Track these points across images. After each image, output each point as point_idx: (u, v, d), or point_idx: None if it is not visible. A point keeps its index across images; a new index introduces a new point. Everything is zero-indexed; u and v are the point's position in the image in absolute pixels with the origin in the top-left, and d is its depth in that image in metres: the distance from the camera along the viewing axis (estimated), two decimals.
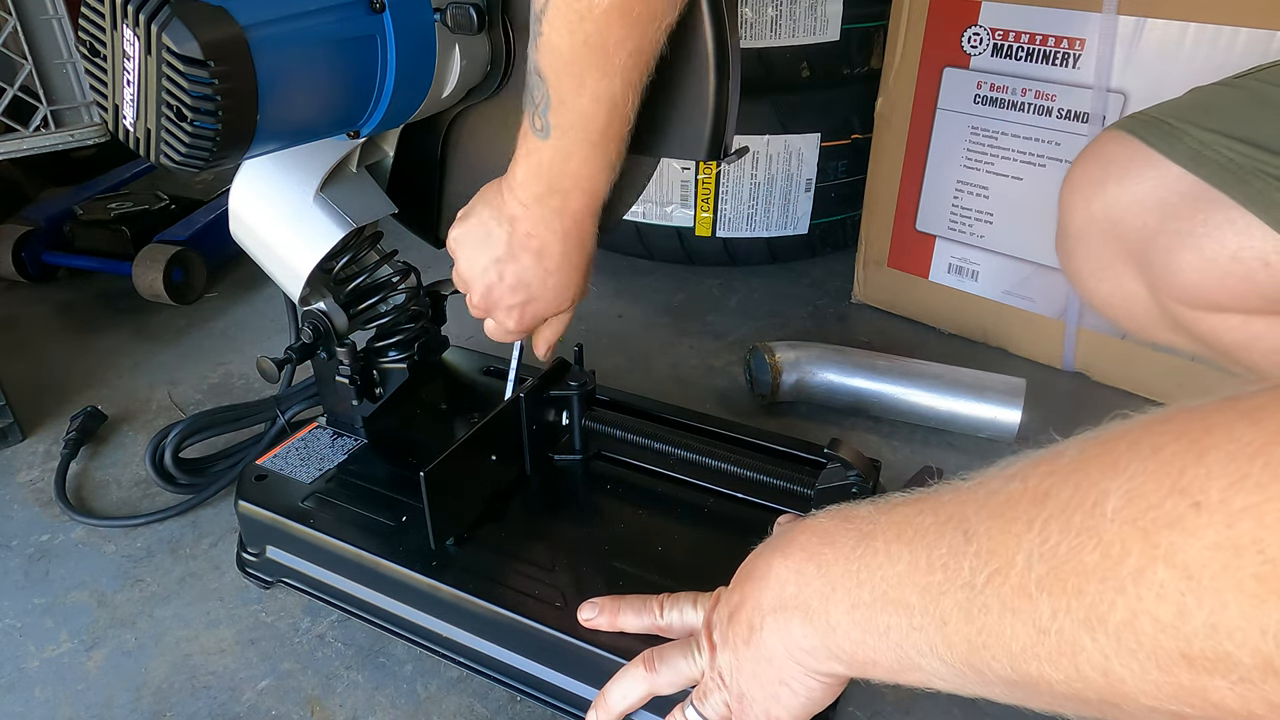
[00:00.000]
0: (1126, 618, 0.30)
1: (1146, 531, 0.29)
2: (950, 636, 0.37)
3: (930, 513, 0.39)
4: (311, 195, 0.67)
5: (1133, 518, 0.30)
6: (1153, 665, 0.29)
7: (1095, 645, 0.31)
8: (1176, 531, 0.28)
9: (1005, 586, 0.34)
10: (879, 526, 0.42)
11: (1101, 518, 0.31)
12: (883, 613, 0.40)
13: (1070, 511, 0.32)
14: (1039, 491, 0.34)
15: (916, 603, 0.38)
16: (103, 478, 0.92)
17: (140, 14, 0.47)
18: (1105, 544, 0.30)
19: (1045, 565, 0.32)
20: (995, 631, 0.34)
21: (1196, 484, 0.28)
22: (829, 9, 1.11)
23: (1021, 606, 0.33)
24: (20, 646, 0.73)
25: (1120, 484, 0.30)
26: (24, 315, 1.25)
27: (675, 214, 1.25)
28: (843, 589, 0.43)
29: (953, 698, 0.66)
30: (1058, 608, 0.32)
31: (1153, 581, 0.29)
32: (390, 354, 0.79)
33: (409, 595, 0.68)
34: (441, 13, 0.59)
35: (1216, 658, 0.28)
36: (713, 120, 0.59)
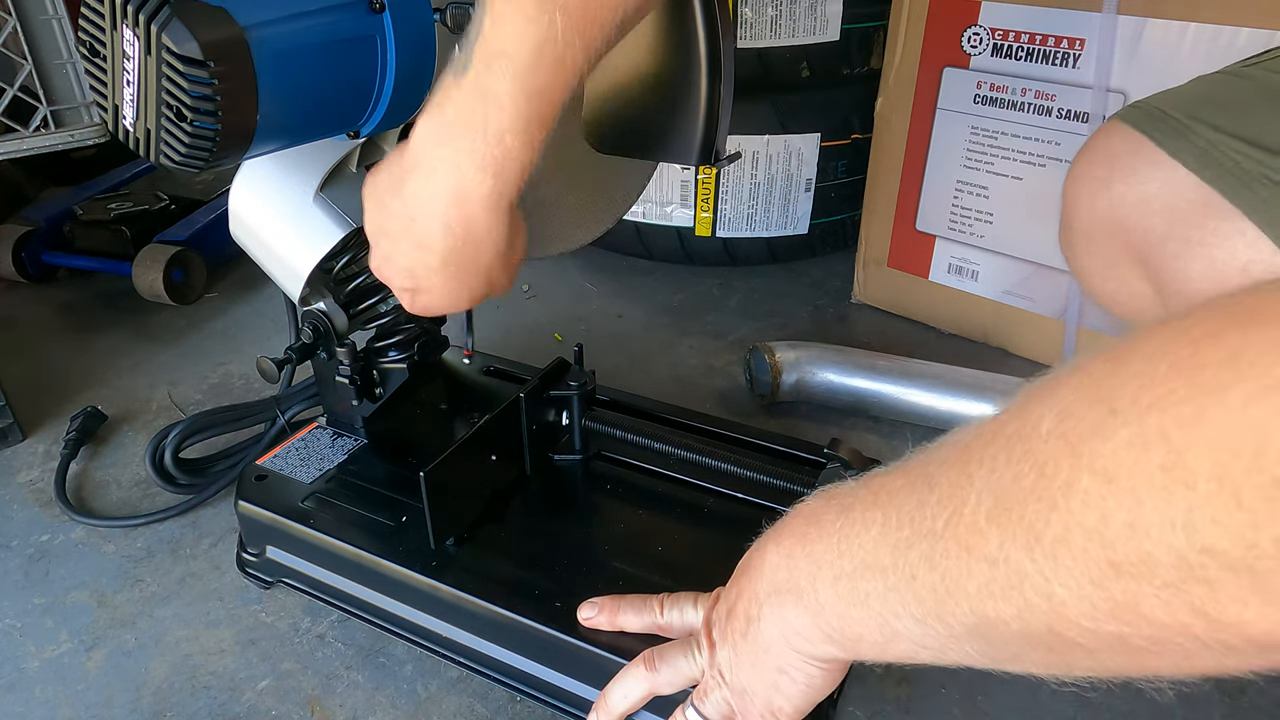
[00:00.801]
0: (1060, 532, 0.30)
1: (1072, 443, 0.30)
2: (919, 590, 0.37)
3: (901, 474, 0.40)
4: (311, 195, 0.67)
5: (1062, 433, 0.30)
6: (1086, 580, 0.30)
7: (1036, 568, 0.31)
8: (1096, 438, 0.29)
9: (961, 526, 0.34)
10: (857, 498, 0.42)
11: (1037, 440, 0.31)
12: (862, 580, 0.40)
13: (1014, 442, 0.32)
14: (990, 431, 0.34)
15: (889, 562, 0.39)
16: (103, 478, 0.92)
17: (140, 14, 0.47)
18: (1040, 464, 0.31)
19: (992, 497, 0.33)
20: (955, 574, 0.35)
21: (1115, 392, 0.29)
22: (829, 9, 1.11)
23: (974, 543, 0.34)
24: (20, 646, 0.73)
25: (1052, 406, 0.31)
26: (24, 315, 1.25)
27: (675, 214, 1.25)
28: (826, 564, 0.43)
29: (953, 698, 0.66)
30: (1004, 536, 0.32)
31: (1078, 490, 0.29)
32: (390, 354, 0.79)
33: (409, 595, 0.68)
34: (441, 13, 0.59)
35: (1139, 559, 0.28)
36: (704, 124, 0.59)
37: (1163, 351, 0.28)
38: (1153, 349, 0.29)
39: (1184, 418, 0.27)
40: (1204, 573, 0.27)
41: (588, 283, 1.30)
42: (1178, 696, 0.66)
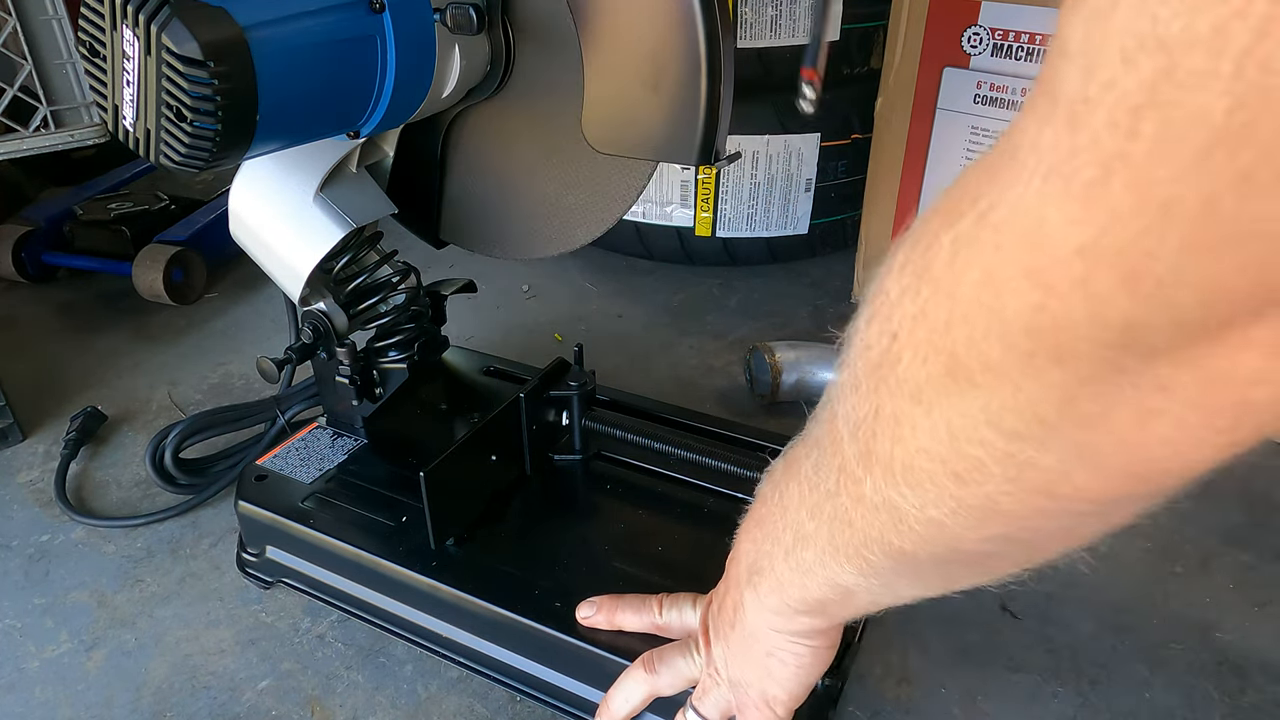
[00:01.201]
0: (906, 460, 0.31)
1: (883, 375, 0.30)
2: (843, 547, 0.38)
3: (801, 441, 0.41)
4: (311, 195, 0.67)
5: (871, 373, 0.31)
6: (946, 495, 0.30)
7: (905, 500, 0.32)
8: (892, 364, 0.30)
9: (847, 480, 0.35)
10: (782, 472, 0.43)
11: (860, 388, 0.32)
12: (801, 549, 0.41)
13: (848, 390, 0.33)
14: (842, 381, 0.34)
15: (813, 528, 0.39)
16: (103, 478, 0.92)
17: (140, 14, 0.47)
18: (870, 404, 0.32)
19: (855, 445, 0.33)
20: (860, 525, 0.35)
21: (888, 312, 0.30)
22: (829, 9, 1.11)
23: (860, 493, 0.34)
24: (20, 646, 0.73)
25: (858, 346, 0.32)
26: (24, 315, 1.25)
27: (675, 214, 1.24)
28: (776, 540, 0.44)
29: (952, 697, 0.66)
30: (875, 480, 0.33)
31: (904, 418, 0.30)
32: (390, 354, 0.79)
33: (409, 595, 0.68)
34: (441, 13, 0.59)
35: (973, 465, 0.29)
36: (704, 124, 0.59)
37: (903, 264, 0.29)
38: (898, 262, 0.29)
39: (939, 322, 0.27)
40: (1024, 457, 0.28)
41: (588, 283, 1.30)
42: (1178, 696, 0.66)
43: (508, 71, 0.66)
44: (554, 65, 0.64)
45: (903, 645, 0.70)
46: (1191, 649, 0.70)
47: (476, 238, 0.76)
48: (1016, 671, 0.68)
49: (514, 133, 0.69)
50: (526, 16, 0.63)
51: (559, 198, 0.69)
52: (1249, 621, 0.72)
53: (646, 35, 0.59)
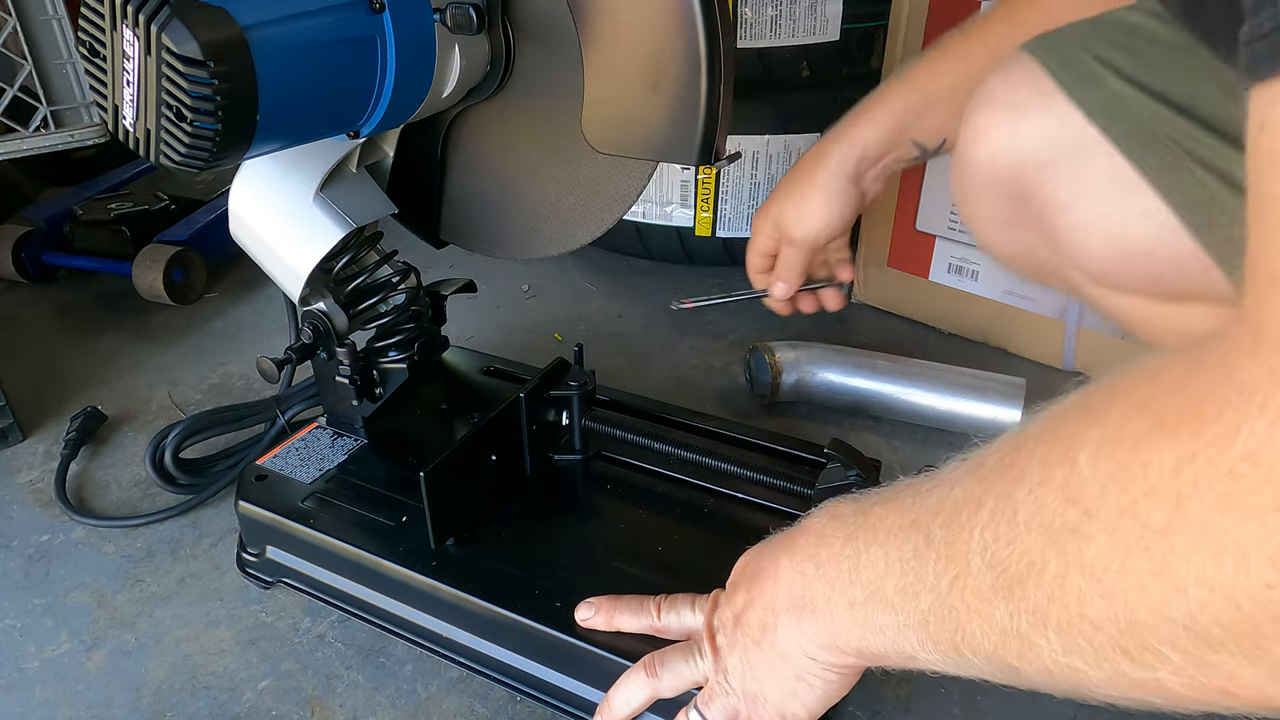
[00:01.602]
0: (1064, 619, 0.32)
1: (1055, 539, 0.31)
2: (935, 634, 0.39)
3: (897, 514, 0.41)
4: (311, 195, 0.67)
5: (1042, 527, 0.32)
6: (1101, 660, 0.31)
7: (1048, 645, 0.33)
8: (1077, 538, 0.31)
9: (967, 591, 0.36)
10: (859, 529, 0.44)
11: (1019, 527, 0.33)
12: (875, 611, 0.42)
13: (999, 522, 0.34)
14: (974, 498, 0.36)
15: (899, 603, 0.40)
16: (103, 478, 0.92)
17: (140, 14, 0.47)
18: (1027, 554, 0.33)
19: (991, 573, 0.34)
20: (969, 632, 0.36)
21: (1078, 490, 0.31)
22: (829, 9, 1.11)
23: (984, 610, 0.35)
24: (20, 647, 0.73)
25: (1025, 494, 0.33)
26: (24, 315, 1.25)
27: (675, 214, 1.24)
28: (839, 588, 0.44)
29: (952, 697, 0.66)
30: (1012, 611, 0.34)
31: (1072, 586, 0.31)
32: (390, 354, 0.79)
33: (409, 595, 0.68)
34: (441, 13, 0.59)
35: (1147, 650, 0.29)
36: (704, 124, 0.59)
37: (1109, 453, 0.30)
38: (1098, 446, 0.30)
39: (1156, 526, 0.28)
40: (1220, 667, 0.28)
41: (588, 283, 1.30)
42: None
43: (508, 71, 0.66)
44: (554, 65, 0.64)
45: None
46: None
47: (476, 238, 0.76)
48: None
49: (514, 133, 0.69)
50: (526, 16, 0.63)
51: (559, 198, 0.69)
52: None
53: (646, 35, 0.59)
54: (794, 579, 0.48)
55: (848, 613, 0.44)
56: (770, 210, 0.77)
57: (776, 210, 0.77)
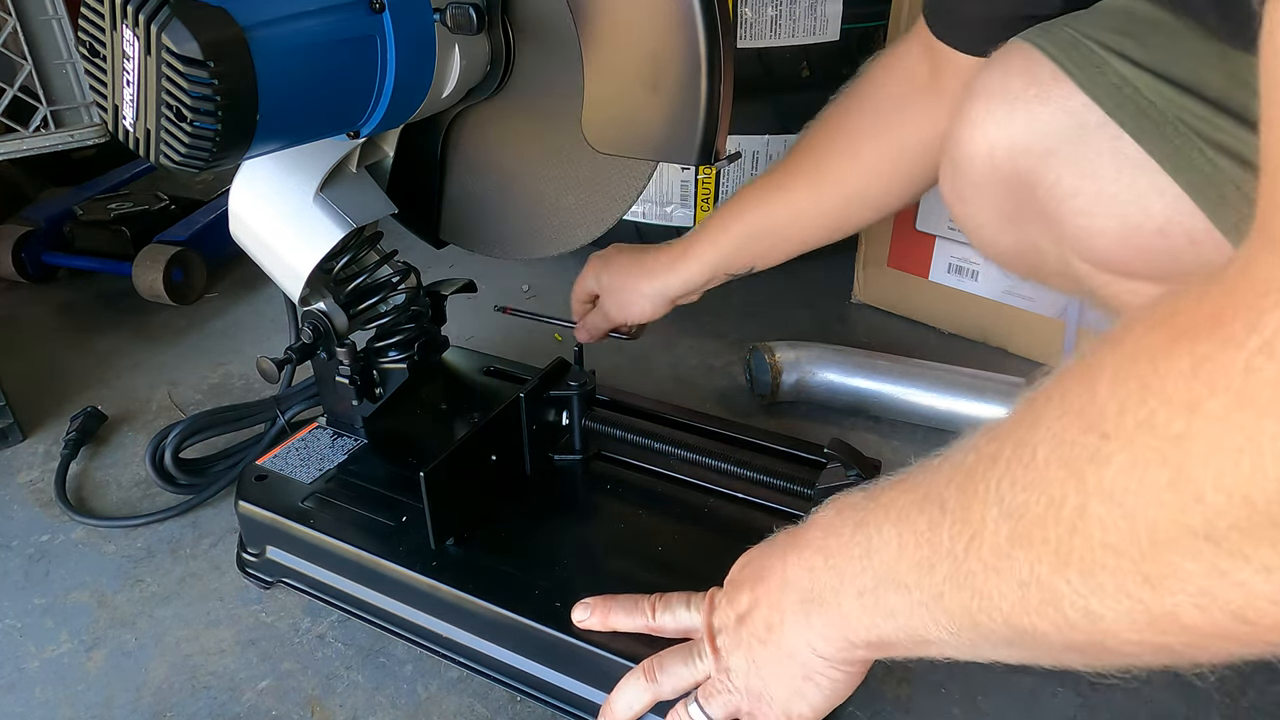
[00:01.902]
0: (1086, 553, 0.31)
1: (1074, 469, 0.31)
2: (949, 607, 0.38)
3: (909, 492, 0.41)
4: (311, 195, 0.67)
5: (1061, 459, 0.32)
6: (1123, 595, 0.31)
7: (1071, 588, 0.32)
8: (1095, 463, 0.30)
9: (984, 549, 0.35)
10: (869, 513, 0.43)
11: (1037, 467, 0.33)
12: (886, 595, 0.41)
13: (1015, 468, 0.34)
14: (989, 455, 0.36)
15: (913, 580, 0.40)
16: (103, 478, 0.92)
17: (140, 14, 0.47)
18: (1047, 490, 0.32)
19: (1009, 523, 0.34)
20: (985, 594, 0.36)
21: (1099, 416, 0.30)
22: (829, 9, 1.11)
23: (1001, 565, 0.35)
24: (20, 647, 0.73)
25: (1043, 433, 0.33)
26: (24, 315, 1.25)
27: (675, 214, 1.24)
28: (849, 578, 0.44)
29: (952, 697, 0.66)
30: (1032, 559, 0.33)
31: (1094, 515, 0.30)
32: (390, 354, 0.79)
33: (409, 595, 0.68)
34: (441, 13, 0.59)
35: (1170, 571, 0.29)
36: (704, 124, 0.59)
37: (1128, 371, 0.29)
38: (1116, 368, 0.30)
39: (1173, 434, 0.28)
40: (1239, 578, 0.28)
41: None
42: (1178, 696, 0.66)
43: (508, 71, 0.66)
44: (554, 65, 0.64)
45: None
46: None
47: (476, 238, 0.76)
48: (1016, 671, 0.68)
49: (514, 133, 0.69)
50: (526, 16, 0.63)
51: (559, 198, 0.69)
52: None
53: (646, 35, 0.59)
54: (801, 575, 0.48)
55: (857, 602, 0.44)
56: (603, 278, 0.86)
57: (609, 285, 0.86)
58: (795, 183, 0.76)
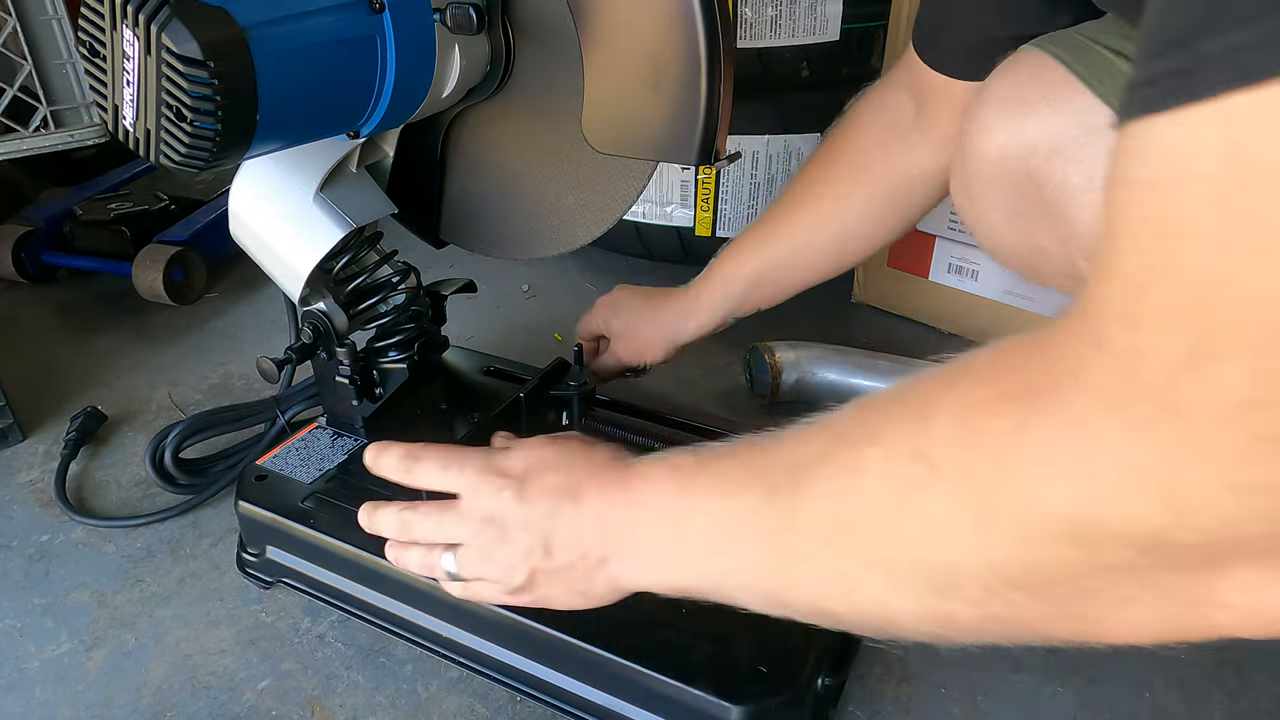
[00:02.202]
0: (891, 559, 0.36)
1: (900, 489, 0.36)
2: (759, 582, 0.42)
3: (741, 468, 0.43)
4: (311, 195, 0.67)
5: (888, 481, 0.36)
6: (912, 596, 0.36)
7: (873, 585, 0.38)
8: (918, 490, 0.35)
9: (802, 540, 0.40)
10: (697, 480, 0.45)
11: (866, 479, 0.37)
12: (704, 559, 0.44)
13: (846, 474, 0.38)
14: (820, 453, 0.40)
15: (730, 551, 0.43)
16: (103, 478, 0.92)
17: (140, 14, 0.47)
18: (872, 502, 0.37)
19: (830, 523, 0.39)
20: (795, 578, 0.40)
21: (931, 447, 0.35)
22: (829, 9, 1.11)
23: (815, 557, 0.39)
24: (20, 647, 0.73)
25: (876, 451, 0.37)
26: (24, 315, 1.25)
27: (675, 214, 1.24)
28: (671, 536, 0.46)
29: (952, 697, 0.66)
30: (841, 555, 0.38)
31: (908, 532, 0.35)
32: (390, 354, 0.79)
33: (409, 595, 0.68)
34: (441, 13, 0.59)
35: (954, 585, 0.35)
36: (704, 124, 0.59)
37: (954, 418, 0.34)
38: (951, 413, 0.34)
39: (985, 479, 0.33)
40: (1008, 598, 0.34)
41: (587, 283, 1.30)
42: (1178, 696, 0.66)
43: (508, 71, 0.66)
44: (554, 65, 0.64)
45: (903, 645, 0.70)
46: (1192, 649, 0.69)
47: (476, 238, 0.76)
48: (1016, 671, 0.68)
49: (514, 133, 0.69)
50: (526, 16, 0.63)
51: (559, 198, 0.69)
52: None
53: (646, 35, 0.59)
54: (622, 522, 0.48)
55: (675, 559, 0.46)
56: (613, 324, 0.88)
57: (620, 330, 0.87)
58: (794, 225, 0.80)
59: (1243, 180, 0.24)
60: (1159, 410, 0.27)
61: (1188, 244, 0.26)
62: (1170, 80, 0.26)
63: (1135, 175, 0.27)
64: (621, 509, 0.48)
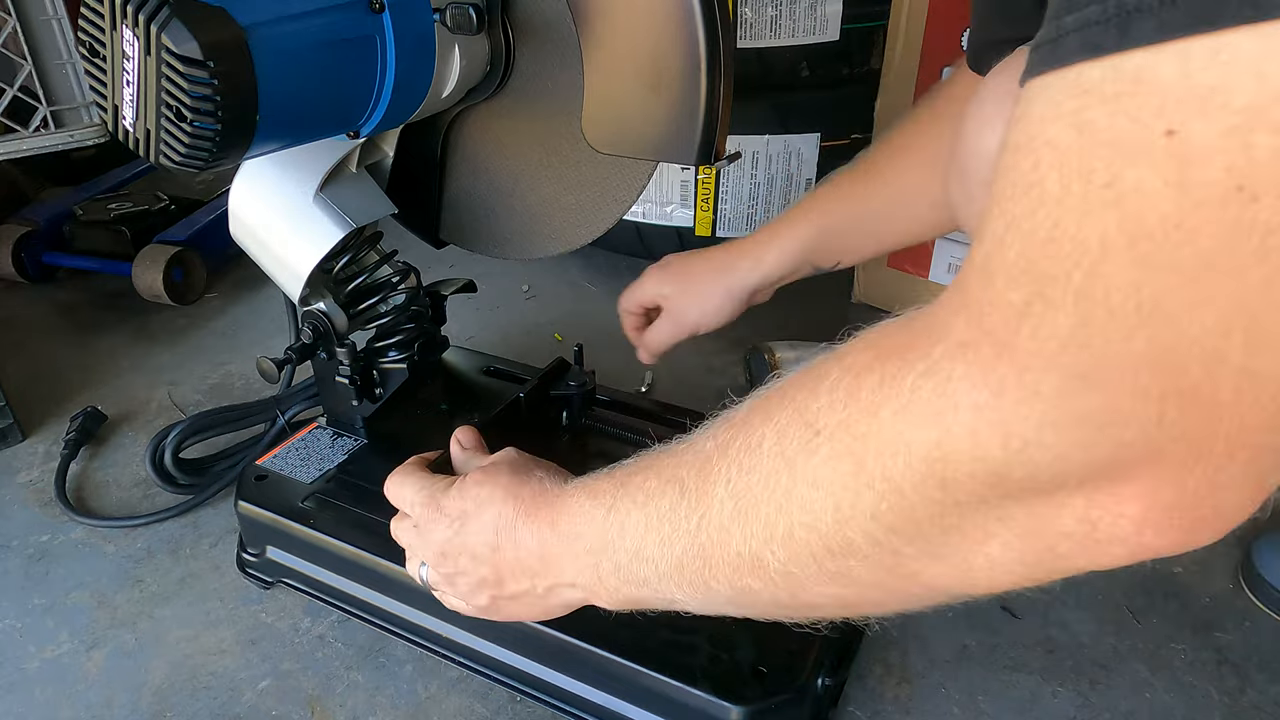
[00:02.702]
0: (788, 529, 0.38)
1: (788, 459, 0.38)
2: (687, 575, 0.44)
3: (655, 477, 0.46)
4: (311, 195, 0.67)
5: (779, 450, 0.38)
6: (811, 560, 0.38)
7: (774, 556, 0.39)
8: (806, 453, 0.37)
9: (712, 525, 0.42)
10: (619, 500, 0.47)
11: (761, 455, 0.39)
12: (638, 567, 0.46)
13: (743, 455, 0.40)
14: (723, 442, 0.42)
15: (658, 555, 0.45)
16: (103, 478, 0.92)
17: (140, 14, 0.47)
18: (766, 475, 0.39)
19: (733, 501, 0.41)
20: (713, 561, 0.42)
21: (814, 414, 0.37)
22: (829, 9, 1.11)
23: (724, 537, 0.41)
24: (20, 647, 0.73)
25: (771, 427, 0.39)
26: (24, 315, 1.25)
27: (675, 214, 1.24)
28: (605, 556, 0.48)
29: (952, 697, 0.66)
30: (746, 533, 0.40)
31: (798, 497, 0.37)
32: (390, 354, 0.79)
33: (409, 595, 0.68)
34: (441, 13, 0.59)
35: (845, 544, 0.37)
36: (704, 124, 0.59)
37: (837, 382, 0.36)
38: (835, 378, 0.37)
39: (860, 433, 0.35)
40: (890, 545, 0.36)
41: (588, 283, 1.30)
42: (1178, 696, 0.66)
43: (508, 71, 0.65)
44: (554, 65, 0.64)
45: (903, 645, 0.70)
46: (1191, 649, 0.70)
47: (476, 238, 0.76)
48: (1016, 671, 0.68)
49: (514, 133, 0.69)
50: (526, 16, 0.63)
51: (559, 198, 0.69)
52: (1249, 621, 0.72)
53: (646, 35, 0.59)
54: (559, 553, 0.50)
55: (614, 575, 0.48)
56: (665, 285, 0.83)
57: (674, 290, 0.83)
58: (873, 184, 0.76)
59: (1083, 146, 0.27)
60: (998, 353, 0.30)
61: (1036, 204, 0.28)
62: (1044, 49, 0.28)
63: (1009, 139, 0.30)
64: (555, 541, 0.51)
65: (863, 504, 0.35)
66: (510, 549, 0.52)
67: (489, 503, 0.53)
